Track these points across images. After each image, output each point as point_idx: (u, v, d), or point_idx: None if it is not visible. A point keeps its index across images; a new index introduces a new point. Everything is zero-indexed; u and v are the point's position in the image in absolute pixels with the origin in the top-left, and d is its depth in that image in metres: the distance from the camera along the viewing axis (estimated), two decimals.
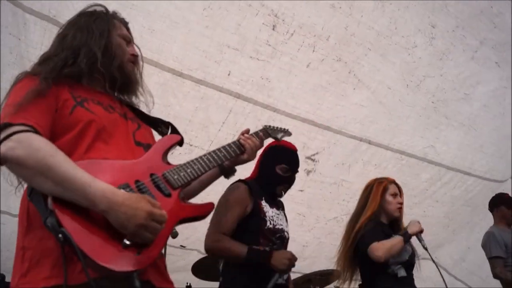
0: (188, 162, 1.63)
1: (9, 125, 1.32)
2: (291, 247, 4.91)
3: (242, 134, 1.96)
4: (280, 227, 2.72)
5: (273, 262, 2.49)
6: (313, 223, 4.76)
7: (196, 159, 1.67)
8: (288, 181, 2.82)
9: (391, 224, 3.22)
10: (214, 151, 1.77)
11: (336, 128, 4.34)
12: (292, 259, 2.55)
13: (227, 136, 4.01)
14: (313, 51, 3.91)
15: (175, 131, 1.82)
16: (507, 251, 4.07)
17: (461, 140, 4.93)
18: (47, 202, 1.28)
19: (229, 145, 1.86)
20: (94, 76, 1.64)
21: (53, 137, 1.43)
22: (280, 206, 2.88)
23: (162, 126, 1.81)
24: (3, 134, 1.30)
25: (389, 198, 3.18)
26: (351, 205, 4.89)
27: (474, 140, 4.96)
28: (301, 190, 4.55)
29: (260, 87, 3.98)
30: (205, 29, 3.65)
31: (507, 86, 4.66)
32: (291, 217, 4.94)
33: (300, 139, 4.17)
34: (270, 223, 2.64)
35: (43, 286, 1.29)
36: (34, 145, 1.30)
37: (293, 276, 4.77)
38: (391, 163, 4.77)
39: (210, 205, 1.61)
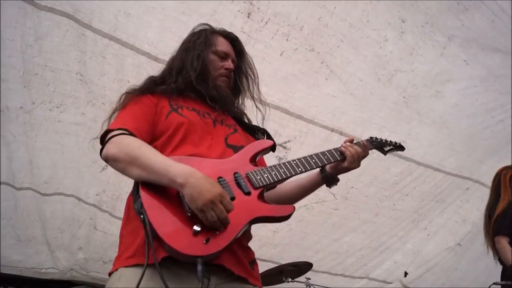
0: (275, 165, 1.73)
1: (109, 131, 1.63)
2: (262, 231, 5.06)
3: (345, 142, 1.95)
4: None
5: None
6: None
7: (285, 162, 1.75)
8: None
9: None
10: (307, 156, 1.82)
11: (309, 117, 4.45)
12: None
13: None
14: (287, 40, 4.03)
15: (270, 137, 1.98)
16: None
17: (433, 137, 5.05)
18: (138, 190, 1.50)
19: (326, 151, 1.87)
20: (196, 89, 1.87)
21: (154, 140, 1.70)
22: None
23: (259, 133, 1.99)
24: (106, 139, 1.61)
25: None
26: (322, 194, 5.01)
27: (445, 138, 5.08)
28: None
29: None
30: (181, 15, 3.76)
31: (477, 86, 4.80)
32: None
33: (272, 126, 4.28)
34: None
35: (126, 265, 1.52)
36: (125, 142, 1.57)
37: (264, 265, 4.88)
38: None
39: (290, 208, 1.64)
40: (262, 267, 3.98)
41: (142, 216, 1.42)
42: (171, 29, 3.77)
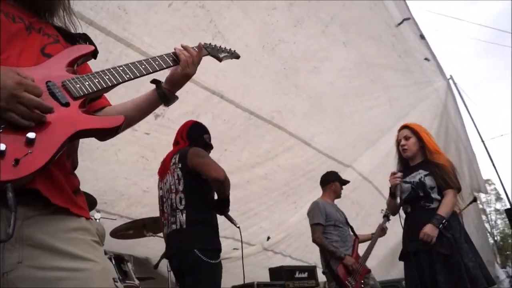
0: (98, 72, 1.49)
1: None
2: (131, 191, 4.92)
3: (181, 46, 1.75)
4: None
5: None
6: (155, 168, 4.75)
7: (110, 69, 1.52)
8: (212, 147, 3.46)
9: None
10: (135, 62, 1.57)
11: None
12: None
13: None
14: None
15: (92, 43, 1.66)
16: (327, 220, 4.53)
17: (307, 111, 5.32)
18: None
19: (157, 57, 1.65)
20: None
21: None
22: None
23: (80, 39, 1.67)
24: None
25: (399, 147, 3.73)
26: None
27: (318, 113, 5.38)
28: (147, 133, 4.52)
29: (115, 17, 3.85)
30: None
31: (351, 69, 5.14)
32: (134, 160, 4.90)
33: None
34: None
35: None
36: None
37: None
38: (240, 120, 4.96)
39: (119, 118, 1.44)
40: None
41: None
42: None
